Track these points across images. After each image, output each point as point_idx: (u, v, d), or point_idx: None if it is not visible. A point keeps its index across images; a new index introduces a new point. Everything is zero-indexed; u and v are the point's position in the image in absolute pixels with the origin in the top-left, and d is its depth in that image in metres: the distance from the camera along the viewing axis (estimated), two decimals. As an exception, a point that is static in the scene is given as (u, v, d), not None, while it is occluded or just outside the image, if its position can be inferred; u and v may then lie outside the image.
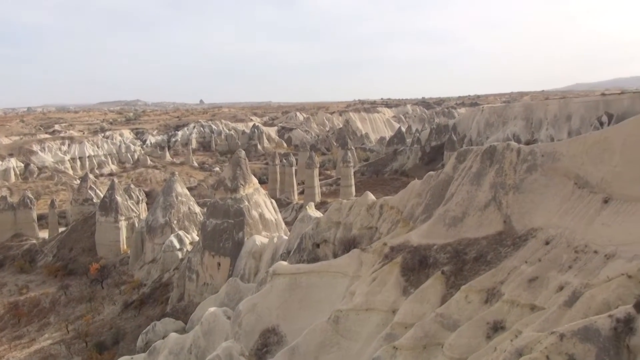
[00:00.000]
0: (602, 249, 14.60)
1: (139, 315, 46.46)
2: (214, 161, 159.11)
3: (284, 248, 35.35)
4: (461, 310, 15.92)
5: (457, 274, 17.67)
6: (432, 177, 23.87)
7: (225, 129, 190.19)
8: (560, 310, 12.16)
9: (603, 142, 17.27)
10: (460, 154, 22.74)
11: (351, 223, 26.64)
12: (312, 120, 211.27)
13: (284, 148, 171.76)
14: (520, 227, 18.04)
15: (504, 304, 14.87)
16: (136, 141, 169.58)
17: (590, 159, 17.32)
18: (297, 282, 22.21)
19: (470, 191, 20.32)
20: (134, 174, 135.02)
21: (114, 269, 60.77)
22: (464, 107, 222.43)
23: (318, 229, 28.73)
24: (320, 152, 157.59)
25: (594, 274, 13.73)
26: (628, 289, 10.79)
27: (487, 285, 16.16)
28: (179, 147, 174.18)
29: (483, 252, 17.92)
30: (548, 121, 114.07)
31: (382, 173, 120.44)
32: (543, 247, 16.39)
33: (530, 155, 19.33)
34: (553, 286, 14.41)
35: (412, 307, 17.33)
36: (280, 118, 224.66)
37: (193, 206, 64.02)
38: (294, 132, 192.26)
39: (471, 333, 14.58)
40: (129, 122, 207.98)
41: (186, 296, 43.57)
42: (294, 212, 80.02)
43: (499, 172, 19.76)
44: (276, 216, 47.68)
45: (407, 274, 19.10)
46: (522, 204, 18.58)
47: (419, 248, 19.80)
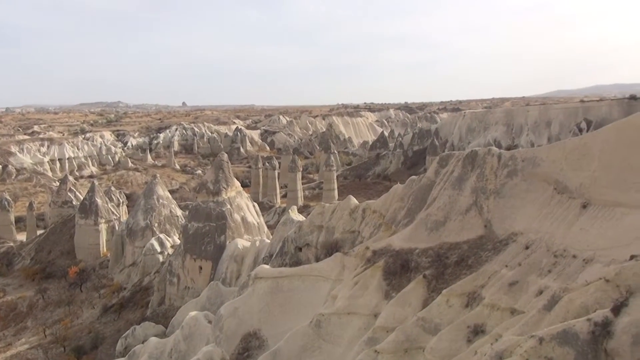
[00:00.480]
0: (581, 254, 14.81)
1: (119, 319, 45.87)
2: (196, 164, 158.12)
3: (266, 252, 35.22)
4: (442, 314, 16.00)
5: (438, 278, 17.76)
6: (414, 182, 23.99)
7: (208, 132, 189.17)
8: (539, 314, 12.28)
9: (582, 148, 17.52)
10: (442, 159, 22.90)
11: (334, 227, 26.66)
12: (295, 123, 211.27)
13: (267, 151, 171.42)
14: (501, 231, 18.21)
15: (484, 308, 14.98)
16: (117, 143, 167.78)
17: (569, 164, 17.57)
18: (279, 285, 22.14)
19: (451, 196, 20.47)
20: (114, 176, 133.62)
21: (93, 272, 59.96)
22: (446, 112, 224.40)
23: (300, 232, 28.69)
24: (303, 155, 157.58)
25: (573, 278, 13.91)
26: (606, 293, 10.93)
27: (468, 289, 16.27)
28: (161, 149, 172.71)
29: (464, 256, 18.04)
30: (528, 127, 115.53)
31: (365, 177, 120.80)
32: (523, 251, 16.56)
33: (511, 161, 19.54)
34: (533, 290, 14.56)
35: (394, 311, 17.38)
36: (263, 121, 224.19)
37: (174, 209, 63.51)
38: (277, 135, 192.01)
39: (452, 337, 14.66)
40: (110, 124, 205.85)
41: (167, 300, 43.14)
42: (276, 216, 79.81)
43: (480, 177, 19.94)
44: (258, 219, 47.50)
45: (389, 277, 19.15)
46: (503, 208, 18.77)
47: (401, 252, 19.87)
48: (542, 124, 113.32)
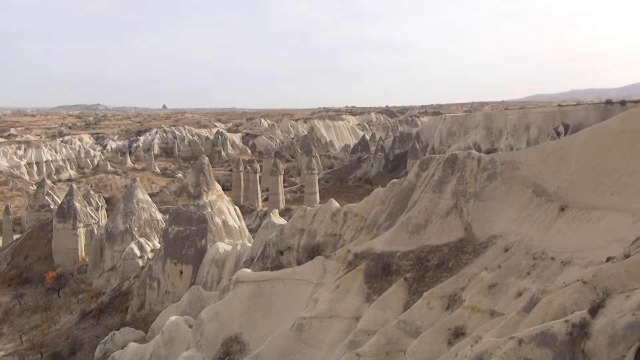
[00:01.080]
0: (559, 256, 15.02)
1: (98, 324, 45.22)
2: (177, 167, 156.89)
3: (248, 255, 35.05)
4: (423, 316, 16.08)
5: (419, 281, 17.86)
6: (395, 185, 24.10)
7: (189, 135, 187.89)
8: (518, 315, 12.41)
9: (559, 151, 17.80)
10: (423, 162, 23.06)
11: (315, 230, 26.64)
12: (277, 127, 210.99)
13: (248, 155, 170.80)
14: (481, 234, 18.39)
15: (464, 310, 15.10)
16: (96, 146, 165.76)
17: (548, 168, 17.82)
18: (261, 289, 22.05)
19: (432, 199, 20.61)
20: (93, 179, 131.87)
21: (71, 277, 59.05)
22: (426, 116, 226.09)
23: (282, 236, 28.62)
24: (285, 159, 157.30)
25: (551, 280, 14.10)
26: (583, 294, 11.10)
27: (449, 291, 16.38)
28: (141, 152, 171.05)
29: (445, 259, 18.17)
30: (508, 131, 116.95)
31: (346, 180, 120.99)
32: (502, 253, 16.74)
33: (491, 164, 19.75)
34: (512, 292, 14.72)
35: (375, 314, 17.42)
36: (244, 124, 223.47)
37: (155, 213, 62.88)
38: (259, 138, 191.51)
39: (433, 339, 14.74)
40: (89, 127, 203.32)
41: (147, 305, 42.65)
42: (257, 219, 79.50)
43: (460, 180, 20.12)
44: (240, 223, 47.25)
45: (371, 280, 19.19)
46: (483, 211, 18.96)
47: (382, 255, 19.94)
48: (521, 127, 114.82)
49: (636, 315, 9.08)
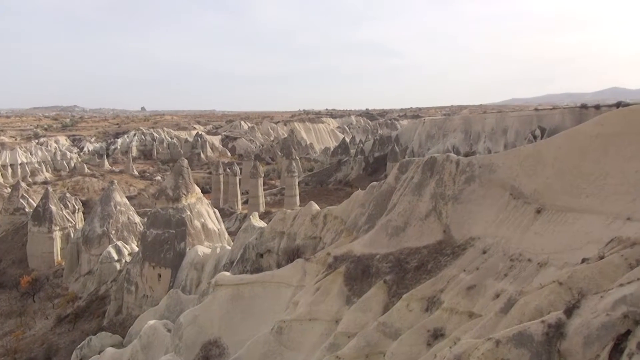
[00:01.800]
0: (536, 257, 15.24)
1: (74, 329, 44.50)
2: (155, 170, 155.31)
3: (227, 258, 34.87)
4: (402, 318, 16.17)
5: (399, 283, 17.95)
6: (375, 188, 24.21)
7: (168, 137, 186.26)
8: (496, 317, 12.55)
9: (536, 154, 18.07)
10: (402, 165, 23.20)
11: (295, 233, 26.62)
12: (257, 129, 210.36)
13: (228, 157, 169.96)
14: (459, 236, 18.56)
15: (443, 312, 15.22)
16: (73, 148, 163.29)
17: (524, 170, 18.08)
18: (240, 292, 21.95)
19: (411, 201, 20.75)
20: (70, 182, 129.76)
21: (47, 281, 58.04)
22: (406, 119, 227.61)
23: (262, 239, 28.54)
24: (265, 161, 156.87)
25: (528, 281, 14.29)
26: (559, 295, 11.27)
27: (428, 293, 16.50)
28: (119, 155, 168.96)
29: (424, 261, 18.30)
30: (486, 134, 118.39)
31: (327, 183, 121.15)
32: (481, 255, 16.92)
33: (469, 167, 19.96)
34: (490, 294, 14.89)
35: (355, 317, 17.46)
36: (224, 127, 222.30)
37: (133, 216, 62.16)
38: (238, 141, 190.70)
39: (412, 341, 14.83)
40: (66, 129, 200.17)
41: (124, 309, 42.13)
42: (237, 222, 79.14)
43: (439, 183, 20.29)
44: (219, 226, 46.99)
45: (350, 283, 19.24)
46: (461, 214, 19.14)
47: (361, 257, 20.00)
48: (498, 131, 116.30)
49: (610, 315, 9.25)
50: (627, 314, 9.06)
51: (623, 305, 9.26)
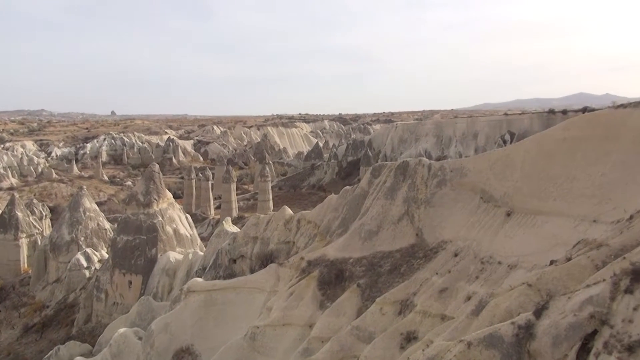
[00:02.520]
0: (506, 260, 15.49)
1: (41, 339, 43.40)
2: (126, 175, 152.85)
3: (200, 264, 34.51)
4: (376, 322, 16.23)
5: (372, 287, 18.03)
6: (348, 192, 24.30)
7: (139, 142, 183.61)
8: (468, 319, 12.69)
9: (505, 158, 18.40)
10: (375, 169, 23.35)
11: (268, 238, 26.51)
12: (230, 134, 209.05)
13: (200, 162, 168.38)
14: (432, 239, 18.75)
15: (416, 315, 15.33)
16: (40, 153, 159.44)
17: (494, 174, 18.38)
18: (213, 299, 21.74)
19: (384, 205, 20.88)
20: (37, 188, 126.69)
21: (12, 290, 56.48)
22: (379, 124, 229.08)
23: (235, 244, 28.34)
24: (238, 166, 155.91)
25: (498, 283, 14.51)
26: (528, 297, 11.47)
27: (401, 297, 16.61)
28: (88, 160, 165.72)
29: (397, 264, 18.43)
30: (457, 138, 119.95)
31: (300, 188, 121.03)
32: (452, 258, 17.12)
33: (440, 171, 20.20)
34: (462, 296, 15.07)
35: (329, 321, 17.46)
36: (196, 131, 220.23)
37: (102, 222, 61.02)
38: (211, 145, 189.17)
39: (385, 345, 14.89)
40: (32, 133, 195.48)
41: (94, 317, 41.31)
42: (210, 228, 78.44)
43: (411, 187, 20.48)
44: (191, 232, 46.49)
45: (324, 287, 19.24)
46: (433, 217, 19.35)
47: (335, 262, 20.03)
48: (469, 135, 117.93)
49: (577, 315, 9.45)
50: (593, 314, 9.27)
51: (590, 306, 9.47)
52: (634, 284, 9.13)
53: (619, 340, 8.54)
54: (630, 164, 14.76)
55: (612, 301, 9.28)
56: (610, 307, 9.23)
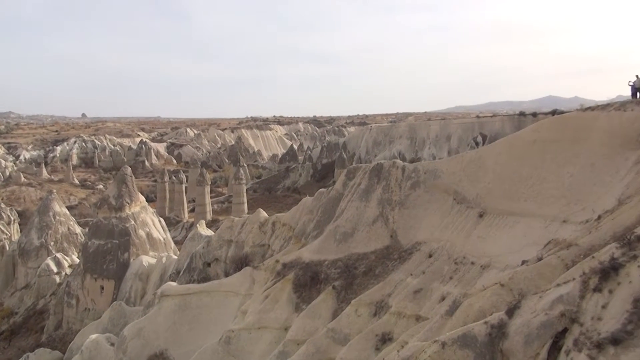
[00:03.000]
0: (478, 260, 15.70)
1: (10, 347, 42.33)
2: (97, 178, 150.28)
3: (173, 268, 34.14)
4: (351, 324, 16.28)
5: (347, 289, 18.08)
6: (323, 194, 24.33)
7: (110, 145, 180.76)
8: (442, 319, 12.82)
9: (477, 160, 18.66)
10: (350, 171, 23.43)
11: (243, 241, 26.37)
12: (203, 136, 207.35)
13: (174, 165, 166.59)
14: (406, 241, 18.90)
15: (391, 316, 15.43)
16: (8, 156, 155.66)
17: (467, 176, 18.63)
18: (187, 303, 21.51)
19: (359, 207, 20.97)
20: (4, 192, 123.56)
21: (-21, 297, 54.99)
22: (353, 126, 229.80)
23: (209, 247, 28.11)
24: (212, 169, 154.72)
25: (472, 283, 14.70)
26: (501, 296, 11.64)
27: (376, 298, 16.68)
28: (58, 163, 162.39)
29: (372, 266, 18.51)
30: (430, 140, 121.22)
31: (275, 190, 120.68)
32: (426, 259, 17.28)
33: (414, 173, 20.38)
34: (436, 297, 15.22)
35: (304, 324, 17.44)
36: (169, 134, 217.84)
37: (73, 226, 59.88)
38: (184, 148, 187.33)
39: (361, 346, 14.94)
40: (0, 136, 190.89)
41: (64, 324, 40.48)
42: (184, 231, 77.66)
43: (385, 189, 20.61)
44: (165, 235, 45.97)
45: (299, 290, 19.22)
46: (407, 218, 19.50)
47: (310, 264, 20.02)
48: (442, 137, 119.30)
49: (548, 314, 9.63)
50: (564, 313, 9.47)
51: (560, 305, 9.66)
52: (603, 282, 9.35)
53: (589, 337, 8.73)
54: (598, 165, 15.12)
55: (582, 300, 9.49)
56: (579, 306, 9.43)
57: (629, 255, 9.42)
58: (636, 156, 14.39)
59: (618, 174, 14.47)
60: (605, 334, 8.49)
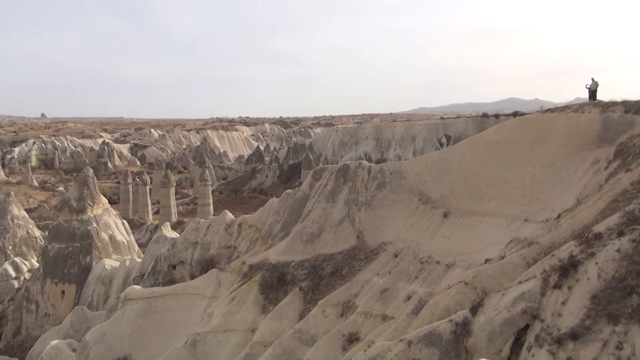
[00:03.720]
0: (443, 259, 15.94)
1: (-35, 355, 40.88)
2: (58, 180, 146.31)
3: (137, 271, 33.53)
4: (318, 324, 16.29)
5: (314, 290, 18.08)
6: (289, 195, 24.28)
7: (71, 146, 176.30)
8: (408, 318, 12.96)
9: (442, 161, 18.95)
10: (316, 172, 23.46)
11: (209, 243, 26.09)
12: (168, 137, 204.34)
13: (138, 166, 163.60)
14: (372, 241, 19.03)
15: (358, 316, 15.51)
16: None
17: (432, 176, 18.89)
18: (152, 306, 21.15)
19: (325, 208, 21.01)
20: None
21: None
22: (319, 127, 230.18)
23: (174, 249, 27.71)
24: (177, 170, 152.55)
25: (437, 282, 14.91)
26: (465, 294, 11.84)
27: (343, 298, 16.74)
28: (16, 165, 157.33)
29: (338, 266, 18.57)
30: (396, 141, 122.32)
31: (241, 191, 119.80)
32: (392, 259, 17.44)
33: (380, 173, 20.55)
34: (402, 296, 15.37)
35: (271, 325, 17.37)
36: (133, 135, 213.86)
37: (32, 230, 58.18)
38: (148, 149, 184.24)
39: (328, 347, 14.97)
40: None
41: (23, 330, 39.32)
42: (148, 233, 76.28)
43: (352, 190, 20.71)
44: (128, 238, 45.11)
45: (266, 292, 19.13)
46: (373, 219, 19.65)
47: (277, 265, 19.95)
48: (407, 138, 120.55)
49: (511, 311, 9.85)
50: (525, 310, 9.69)
51: (522, 302, 9.89)
52: (562, 279, 9.62)
53: (549, 333, 8.96)
54: (558, 165, 15.55)
55: (543, 296, 9.73)
56: (540, 303, 9.67)
57: (587, 253, 9.72)
58: (593, 156, 14.86)
59: (576, 174, 14.92)
60: (564, 330, 8.73)
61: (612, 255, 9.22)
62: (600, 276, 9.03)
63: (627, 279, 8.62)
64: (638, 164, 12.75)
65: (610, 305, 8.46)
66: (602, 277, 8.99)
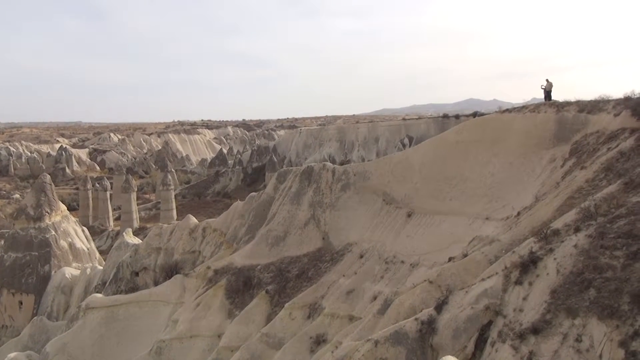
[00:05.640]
0: (408, 259, 16.14)
1: None
2: (13, 187, 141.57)
3: (99, 279, 32.75)
4: (285, 327, 16.26)
5: (281, 292, 18.04)
6: (254, 198, 24.16)
7: (27, 152, 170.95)
8: (374, 318, 13.07)
9: (404, 162, 19.19)
10: (281, 175, 23.42)
11: (173, 248, 25.70)
12: (128, 141, 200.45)
13: (97, 171, 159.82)
14: (338, 242, 19.12)
15: (325, 318, 15.55)
16: None
17: (395, 177, 19.11)
18: (114, 314, 20.71)
19: (290, 210, 21.00)
20: None
21: None
22: (283, 129, 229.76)
23: (137, 256, 27.19)
24: (138, 175, 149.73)
25: (402, 282, 15.09)
26: (430, 293, 12.03)
27: (309, 300, 16.76)
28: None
29: (304, 268, 18.59)
30: (359, 143, 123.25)
31: (204, 195, 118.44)
32: (358, 260, 17.56)
33: (344, 175, 20.66)
34: (368, 296, 15.49)
35: (238, 330, 17.24)
36: (91, 139, 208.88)
37: (-13, 239, 56.16)
38: (108, 154, 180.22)
39: (295, 349, 14.96)
40: None
41: (-21, 343, 37.88)
42: (109, 240, 74.60)
43: (316, 191, 20.76)
44: (89, 245, 44.02)
45: (232, 296, 18.98)
46: (338, 220, 19.74)
47: (243, 269, 19.82)
48: (370, 140, 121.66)
49: (474, 308, 10.05)
50: (488, 306, 9.90)
51: (485, 298, 10.10)
52: (523, 275, 9.86)
53: (512, 329, 9.18)
54: (516, 164, 15.96)
55: (505, 293, 9.96)
56: (502, 299, 9.90)
57: (546, 249, 9.99)
58: (550, 155, 15.31)
59: (534, 172, 15.34)
60: (526, 325, 8.95)
61: (569, 250, 9.51)
62: (559, 271, 9.29)
63: (584, 273, 8.90)
64: (592, 162, 13.20)
65: (569, 300, 8.71)
66: (561, 272, 9.25)
